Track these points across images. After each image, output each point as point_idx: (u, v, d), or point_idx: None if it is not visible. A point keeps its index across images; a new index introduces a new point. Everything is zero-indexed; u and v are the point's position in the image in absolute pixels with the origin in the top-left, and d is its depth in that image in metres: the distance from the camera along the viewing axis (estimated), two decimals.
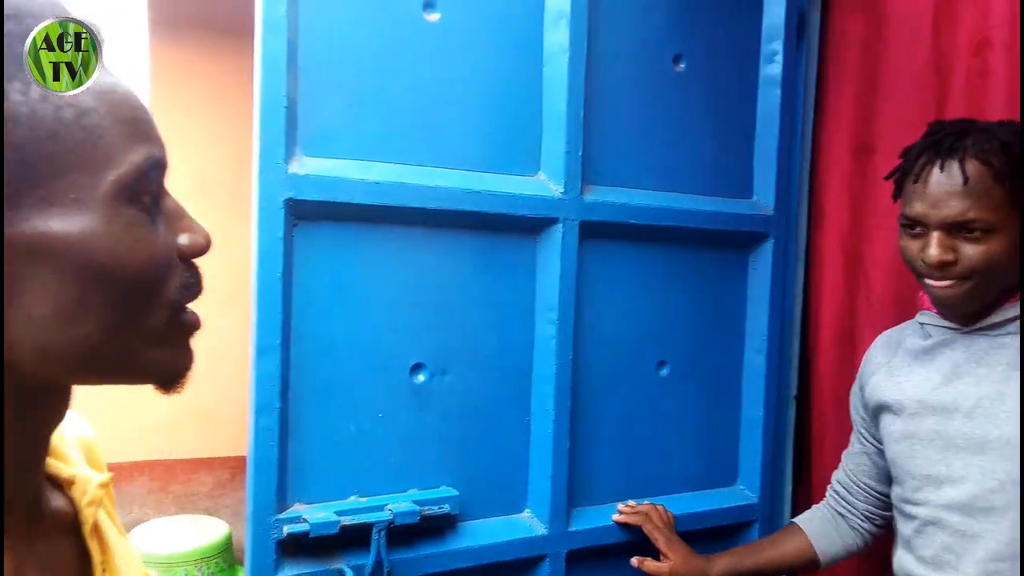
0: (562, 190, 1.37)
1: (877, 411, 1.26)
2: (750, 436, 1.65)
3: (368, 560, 1.21)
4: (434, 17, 1.29)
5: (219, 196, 2.74)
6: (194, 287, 0.53)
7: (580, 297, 1.41)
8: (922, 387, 1.18)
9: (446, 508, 1.29)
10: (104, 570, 0.57)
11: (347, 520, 1.20)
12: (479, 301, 1.36)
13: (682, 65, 1.51)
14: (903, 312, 1.43)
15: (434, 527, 1.30)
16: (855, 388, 1.36)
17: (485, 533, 1.37)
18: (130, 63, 2.33)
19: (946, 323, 1.17)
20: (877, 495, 1.34)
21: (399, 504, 1.26)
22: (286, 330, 1.19)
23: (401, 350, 1.30)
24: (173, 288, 0.51)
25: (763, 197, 1.62)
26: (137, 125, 0.50)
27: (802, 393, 1.75)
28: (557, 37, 1.36)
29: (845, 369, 1.62)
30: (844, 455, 1.41)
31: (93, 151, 0.47)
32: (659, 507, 1.48)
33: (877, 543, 1.39)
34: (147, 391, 0.61)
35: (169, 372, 0.53)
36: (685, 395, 1.58)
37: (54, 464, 0.58)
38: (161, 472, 2.84)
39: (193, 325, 0.54)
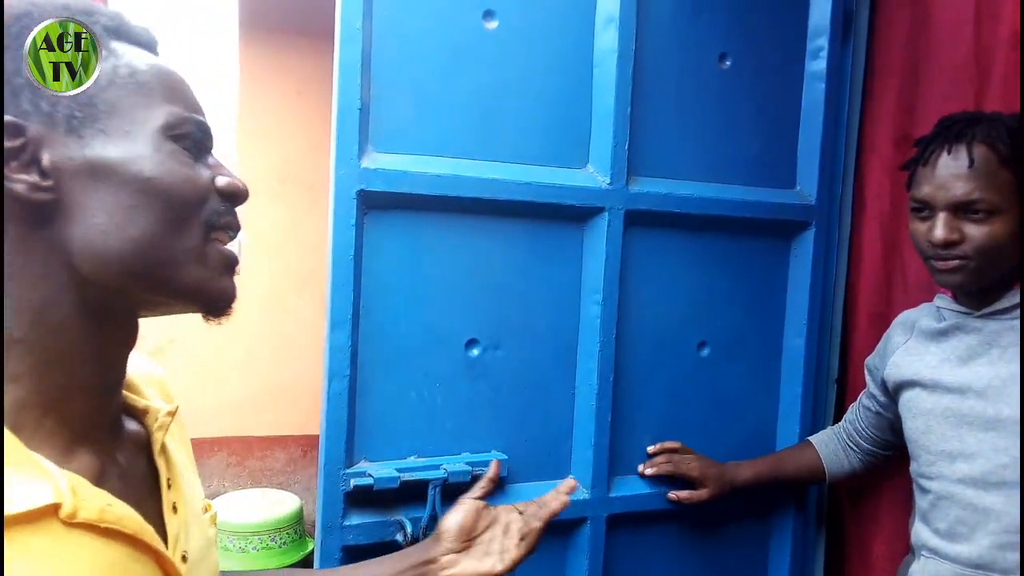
0: (608, 181, 1.41)
1: (897, 389, 1.28)
2: (788, 415, 1.65)
3: (424, 513, 1.27)
4: (492, 25, 1.34)
5: (296, 187, 2.78)
6: (231, 221, 0.62)
7: (624, 280, 1.44)
8: (938, 368, 1.19)
9: None
10: (169, 485, 0.65)
11: (406, 476, 1.26)
12: (530, 283, 1.40)
13: (727, 62, 1.53)
14: (933, 297, 1.44)
15: None
16: (875, 360, 1.38)
17: (531, 495, 1.32)
18: (222, 62, 2.45)
19: (959, 307, 1.18)
20: (883, 442, 1.40)
21: (453, 465, 1.31)
22: (356, 306, 1.25)
23: (458, 326, 1.36)
24: (208, 211, 0.60)
25: (806, 187, 1.62)
26: (177, 91, 0.60)
27: (842, 376, 1.74)
28: (606, 40, 1.39)
29: None
30: (853, 407, 1.47)
31: (142, 99, 0.58)
32: (675, 444, 1.51)
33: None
34: (228, 371, 0.74)
35: (209, 295, 0.61)
36: (724, 375, 1.59)
37: (132, 397, 0.68)
38: (239, 448, 2.92)
39: (229, 257, 0.63)
